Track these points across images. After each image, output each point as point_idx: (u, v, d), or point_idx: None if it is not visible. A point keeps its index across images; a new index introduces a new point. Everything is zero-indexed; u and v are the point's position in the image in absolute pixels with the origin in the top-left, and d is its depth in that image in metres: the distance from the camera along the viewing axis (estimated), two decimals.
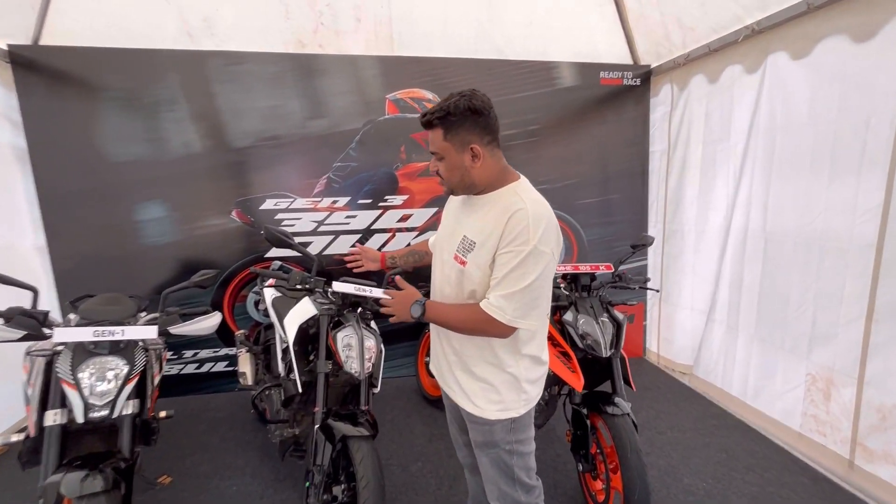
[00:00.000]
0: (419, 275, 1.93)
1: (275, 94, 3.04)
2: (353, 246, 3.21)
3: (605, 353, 1.91)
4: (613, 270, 2.15)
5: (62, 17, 2.71)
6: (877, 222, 1.98)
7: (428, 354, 3.06)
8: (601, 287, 2.13)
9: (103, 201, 2.90)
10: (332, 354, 1.85)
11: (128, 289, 2.64)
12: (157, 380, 1.93)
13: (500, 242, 1.19)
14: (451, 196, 1.48)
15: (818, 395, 2.32)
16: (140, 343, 1.69)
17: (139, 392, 1.67)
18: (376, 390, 2.01)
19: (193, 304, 2.64)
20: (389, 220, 3.28)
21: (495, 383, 1.32)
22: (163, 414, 1.96)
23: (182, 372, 3.18)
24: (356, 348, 1.83)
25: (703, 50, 2.95)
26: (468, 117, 1.20)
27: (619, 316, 2.01)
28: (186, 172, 2.99)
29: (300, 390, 1.86)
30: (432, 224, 3.34)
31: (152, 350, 1.81)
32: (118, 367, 1.56)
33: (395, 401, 3.07)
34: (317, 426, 1.74)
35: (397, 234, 3.31)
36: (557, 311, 2.10)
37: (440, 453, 2.48)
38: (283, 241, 1.88)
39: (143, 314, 2.11)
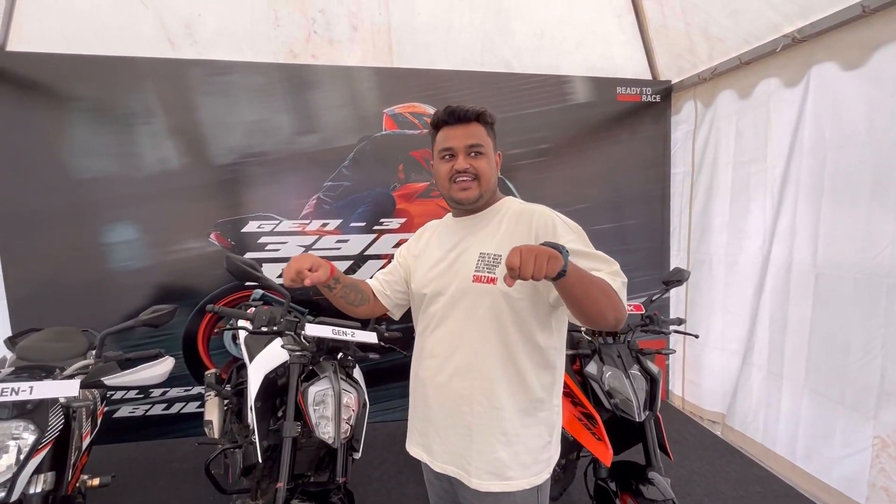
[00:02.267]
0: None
1: (262, 107, 2.78)
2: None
3: (639, 416, 1.55)
4: (644, 311, 1.81)
5: (29, 20, 2.48)
6: None
7: None
8: (630, 331, 1.78)
9: (67, 222, 2.62)
10: (301, 414, 1.51)
11: (91, 320, 2.35)
12: (85, 443, 1.59)
13: (536, 240, 1.04)
14: (425, 228, 1.34)
15: (890, 464, 1.93)
16: (60, 401, 1.36)
17: (55, 463, 1.34)
18: (357, 455, 1.66)
19: (149, 344, 2.33)
20: (385, 245, 2.97)
21: (528, 439, 1.09)
22: (95, 482, 1.60)
23: (148, 413, 2.82)
24: (331, 407, 1.49)
25: (732, 63, 2.67)
26: (493, 126, 1.18)
27: (654, 369, 1.66)
28: (161, 191, 2.71)
29: (259, 460, 1.51)
30: None
31: (80, 408, 1.48)
32: (22, 435, 1.23)
33: (386, 452, 2.69)
34: None
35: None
36: (577, 359, 1.75)
37: None
38: (247, 272, 1.57)
39: (92, 354, 1.79)
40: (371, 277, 1.38)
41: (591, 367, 1.65)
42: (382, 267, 2.97)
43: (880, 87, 1.95)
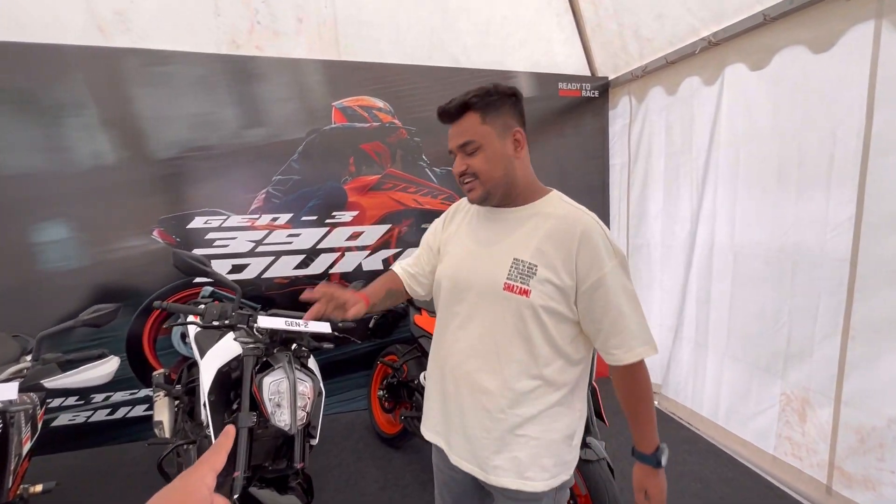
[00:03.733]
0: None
1: (205, 99, 2.70)
2: (288, 280, 2.89)
3: None
4: None
5: None
6: (849, 236, 1.90)
7: (382, 388, 2.75)
8: None
9: None
10: (257, 404, 1.53)
11: (24, 325, 2.21)
12: (25, 448, 1.53)
13: (577, 269, 0.96)
14: (458, 207, 1.23)
15: (793, 416, 2.22)
16: None
17: None
18: (314, 441, 1.70)
19: (91, 346, 2.23)
20: (338, 238, 2.98)
21: (549, 443, 1.04)
22: (37, 489, 1.55)
23: (91, 420, 2.70)
24: (287, 395, 1.52)
25: (660, 62, 2.89)
26: (508, 98, 1.04)
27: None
28: (97, 187, 2.58)
29: None
30: (384, 242, 3.07)
31: (18, 411, 1.43)
32: None
33: (345, 441, 2.74)
34: (235, 496, 1.41)
35: (346, 253, 3.01)
36: None
37: None
38: (195, 268, 1.56)
39: (27, 359, 1.71)
40: (394, 265, 1.31)
41: None
42: (336, 261, 3.00)
43: (781, 86, 2.20)
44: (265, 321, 1.57)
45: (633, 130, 3.31)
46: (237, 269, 2.83)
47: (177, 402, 2.21)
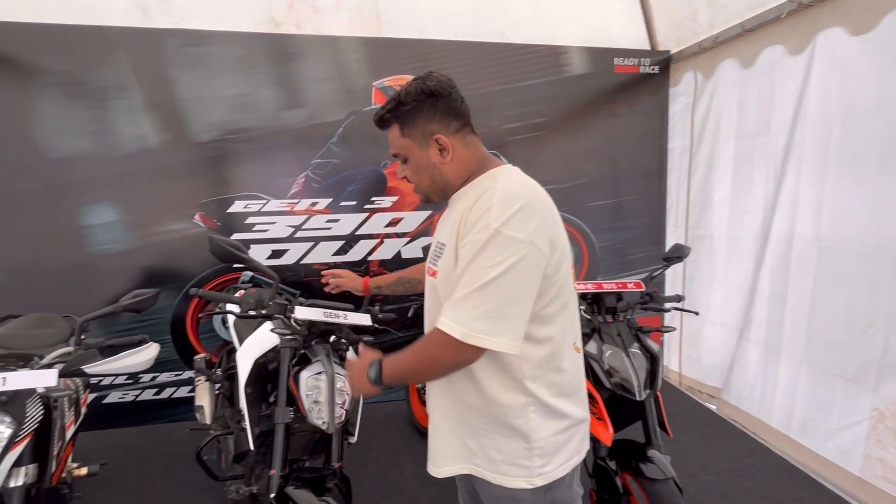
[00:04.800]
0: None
1: (243, 80, 2.64)
2: (327, 266, 2.83)
3: (640, 395, 1.52)
4: (644, 289, 1.76)
5: None
6: None
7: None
8: (629, 309, 1.74)
9: (42, 204, 2.49)
10: (294, 400, 1.46)
11: (73, 305, 2.25)
12: (69, 433, 1.53)
13: (458, 235, 0.91)
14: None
15: (887, 435, 1.94)
16: (37, 391, 1.29)
17: (37, 454, 1.28)
18: (353, 440, 1.62)
19: (136, 330, 2.25)
20: (377, 224, 2.88)
21: (498, 442, 0.97)
22: (83, 472, 1.55)
23: (139, 399, 2.77)
24: (325, 392, 1.44)
25: (735, 31, 2.57)
26: (424, 102, 0.96)
27: (654, 347, 1.62)
28: (141, 170, 2.58)
29: (251, 447, 1.46)
30: (425, 229, 2.95)
31: (60, 397, 1.41)
32: None
33: (383, 432, 2.68)
34: (272, 495, 1.35)
35: (385, 239, 2.91)
36: None
37: (434, 503, 2.08)
38: (232, 254, 1.48)
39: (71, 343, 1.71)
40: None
41: (591, 347, 1.60)
42: (375, 248, 2.91)
43: (891, 52, 1.87)
44: (303, 312, 1.48)
45: (697, 110, 3.01)
46: (276, 254, 2.79)
47: (217, 387, 2.19)
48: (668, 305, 1.81)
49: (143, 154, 2.57)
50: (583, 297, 1.75)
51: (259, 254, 2.74)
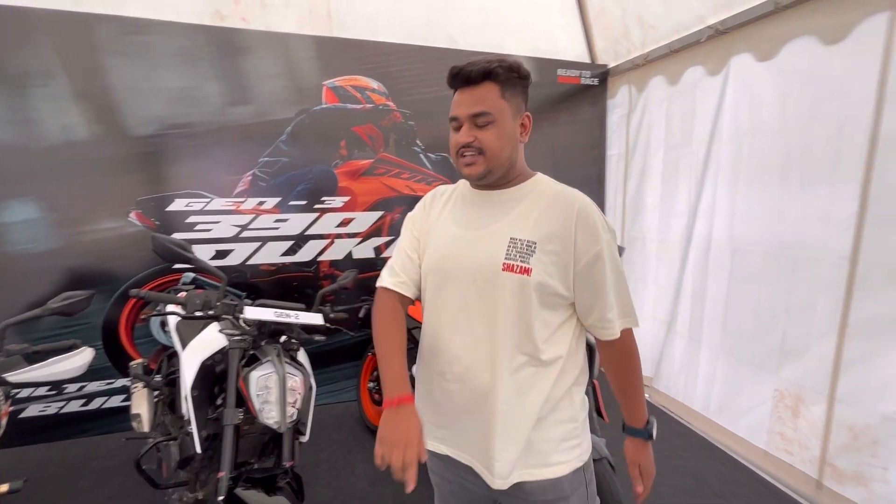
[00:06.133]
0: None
1: (186, 73, 2.53)
2: (276, 267, 2.77)
3: None
4: None
5: None
6: (851, 234, 1.88)
7: (371, 379, 2.68)
8: None
9: None
10: (243, 400, 1.44)
11: None
12: None
13: (575, 245, 0.94)
14: (436, 194, 1.15)
15: (786, 413, 2.22)
16: None
17: None
18: (304, 438, 1.61)
19: (60, 336, 2.09)
20: (328, 224, 2.87)
21: (575, 419, 1.03)
22: (3, 489, 1.43)
23: (63, 411, 2.56)
24: (276, 391, 1.43)
25: (663, 50, 2.82)
26: (525, 80, 1.00)
27: (591, 339, 1.75)
28: (68, 164, 2.41)
29: (199, 450, 1.43)
30: (377, 229, 2.96)
31: None
32: None
33: (334, 433, 2.66)
34: (221, 497, 1.33)
35: (336, 240, 2.90)
36: None
37: (385, 502, 2.11)
38: (177, 254, 1.44)
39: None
40: (387, 275, 1.11)
41: None
42: (325, 248, 2.88)
43: (789, 78, 2.15)
44: (253, 312, 1.47)
45: (631, 121, 3.25)
46: (221, 254, 2.69)
47: (156, 394, 2.09)
48: None
49: (70, 146, 2.40)
50: None
51: (202, 254, 2.64)
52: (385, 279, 1.10)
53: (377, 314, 1.07)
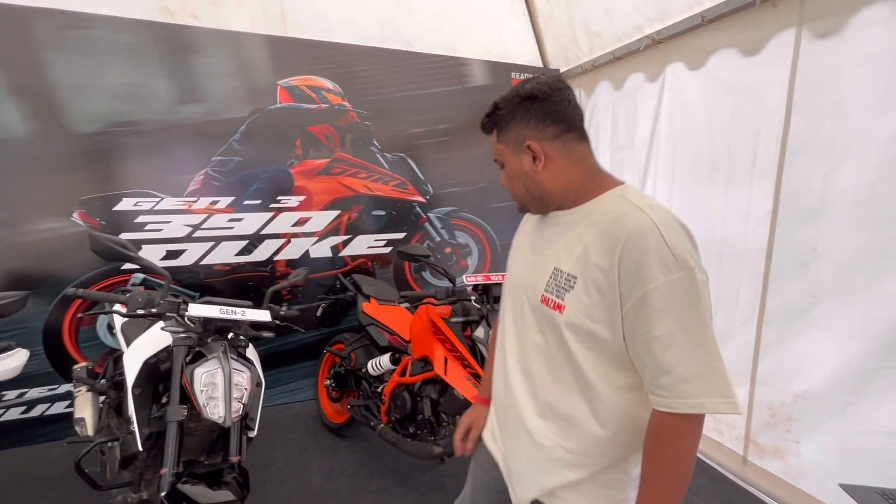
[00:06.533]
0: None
1: (132, 69, 2.48)
2: (230, 267, 2.76)
3: None
4: None
5: None
6: (767, 229, 2.06)
7: (329, 377, 2.70)
8: None
9: None
10: (188, 397, 1.45)
11: None
12: None
13: (620, 275, 0.78)
14: (527, 215, 1.09)
15: None
16: None
17: None
18: (252, 434, 1.64)
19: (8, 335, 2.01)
20: (283, 223, 2.86)
21: (586, 495, 0.91)
22: None
23: (2, 419, 2.46)
24: (221, 387, 1.45)
25: (608, 57, 2.97)
26: (518, 106, 0.90)
27: None
28: (4, 162, 2.31)
29: (140, 448, 1.43)
30: (334, 228, 2.99)
31: None
32: None
33: (290, 432, 2.67)
34: (163, 493, 1.34)
35: (293, 239, 2.90)
36: (468, 326, 1.89)
37: (340, 494, 2.15)
38: (116, 252, 1.43)
39: None
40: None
41: (479, 332, 1.80)
42: (281, 248, 2.88)
43: (715, 86, 2.32)
44: (197, 309, 1.48)
45: None
46: (172, 255, 2.65)
47: (102, 398, 2.05)
48: None
49: (5, 144, 2.30)
50: (474, 287, 1.94)
51: (152, 254, 2.59)
52: None
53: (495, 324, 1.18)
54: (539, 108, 0.89)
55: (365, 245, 3.09)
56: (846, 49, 1.79)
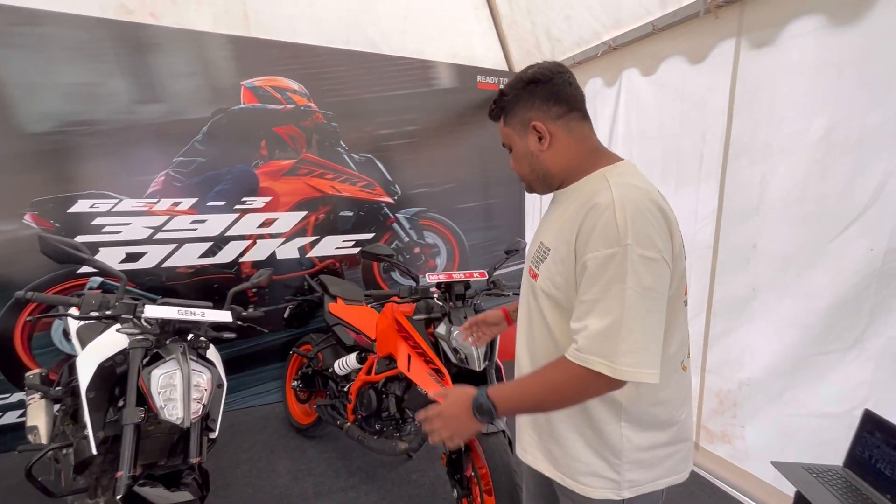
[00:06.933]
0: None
1: (88, 68, 2.42)
2: (194, 269, 2.72)
3: (479, 366, 1.80)
4: (488, 277, 2.07)
5: None
6: (713, 227, 2.19)
7: (296, 378, 2.70)
8: (476, 295, 2.02)
9: None
10: (145, 399, 1.44)
11: None
12: None
13: (576, 247, 0.86)
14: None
15: None
16: None
17: None
18: (214, 435, 1.64)
19: None
20: (248, 225, 2.84)
21: (581, 454, 0.95)
22: None
23: None
24: (179, 387, 1.45)
25: (569, 62, 3.07)
26: (523, 90, 0.96)
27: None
28: None
29: (94, 451, 1.41)
30: (301, 229, 2.98)
31: None
32: None
33: (258, 434, 2.65)
34: (119, 496, 1.33)
35: (258, 240, 2.88)
36: (431, 323, 1.94)
37: (306, 494, 2.15)
38: (67, 254, 1.41)
39: None
40: None
41: (441, 329, 1.85)
42: (247, 249, 2.86)
43: (665, 91, 2.45)
44: (154, 310, 1.47)
45: None
46: (132, 257, 2.59)
47: (57, 406, 1.99)
48: (510, 292, 2.14)
49: None
50: (437, 285, 1.99)
51: (111, 257, 2.53)
52: None
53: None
54: (542, 90, 0.95)
55: (333, 246, 3.09)
56: (779, 58, 1.92)
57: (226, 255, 2.81)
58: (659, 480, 0.95)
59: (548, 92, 0.95)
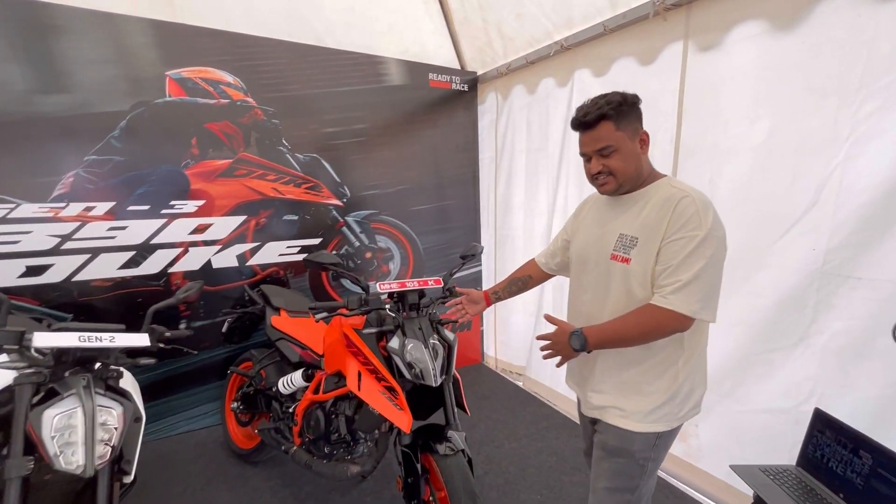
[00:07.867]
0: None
1: None
2: (112, 282, 2.42)
3: (435, 381, 1.67)
4: (444, 284, 1.95)
5: None
6: None
7: (236, 399, 2.46)
8: (431, 304, 1.90)
9: None
10: (35, 447, 1.20)
11: None
12: None
13: (665, 232, 1.18)
14: (586, 201, 1.54)
15: None
16: None
17: None
18: (129, 479, 1.41)
19: None
20: (178, 231, 2.56)
21: (650, 390, 1.27)
22: None
23: None
24: (80, 429, 1.22)
25: (521, 61, 3.03)
26: (634, 106, 1.26)
27: (450, 336, 1.80)
28: None
29: None
30: (238, 236, 2.73)
31: None
32: None
33: (192, 464, 2.39)
34: None
35: (191, 248, 2.61)
36: (383, 336, 1.79)
37: None
38: None
39: None
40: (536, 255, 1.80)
41: (394, 342, 1.70)
42: (177, 258, 2.58)
43: None
44: (46, 338, 1.23)
45: (499, 126, 3.45)
46: (34, 271, 2.25)
47: None
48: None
49: None
50: (389, 295, 1.84)
51: (6, 271, 2.18)
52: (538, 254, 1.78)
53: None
54: (639, 110, 1.29)
55: (276, 253, 2.86)
56: (724, 62, 1.95)
57: (152, 266, 2.52)
58: (688, 413, 1.31)
59: (639, 112, 1.29)
